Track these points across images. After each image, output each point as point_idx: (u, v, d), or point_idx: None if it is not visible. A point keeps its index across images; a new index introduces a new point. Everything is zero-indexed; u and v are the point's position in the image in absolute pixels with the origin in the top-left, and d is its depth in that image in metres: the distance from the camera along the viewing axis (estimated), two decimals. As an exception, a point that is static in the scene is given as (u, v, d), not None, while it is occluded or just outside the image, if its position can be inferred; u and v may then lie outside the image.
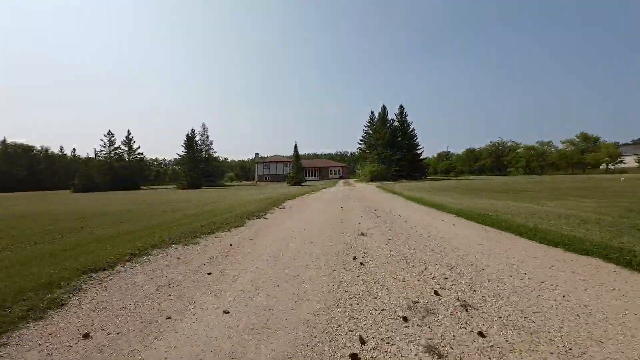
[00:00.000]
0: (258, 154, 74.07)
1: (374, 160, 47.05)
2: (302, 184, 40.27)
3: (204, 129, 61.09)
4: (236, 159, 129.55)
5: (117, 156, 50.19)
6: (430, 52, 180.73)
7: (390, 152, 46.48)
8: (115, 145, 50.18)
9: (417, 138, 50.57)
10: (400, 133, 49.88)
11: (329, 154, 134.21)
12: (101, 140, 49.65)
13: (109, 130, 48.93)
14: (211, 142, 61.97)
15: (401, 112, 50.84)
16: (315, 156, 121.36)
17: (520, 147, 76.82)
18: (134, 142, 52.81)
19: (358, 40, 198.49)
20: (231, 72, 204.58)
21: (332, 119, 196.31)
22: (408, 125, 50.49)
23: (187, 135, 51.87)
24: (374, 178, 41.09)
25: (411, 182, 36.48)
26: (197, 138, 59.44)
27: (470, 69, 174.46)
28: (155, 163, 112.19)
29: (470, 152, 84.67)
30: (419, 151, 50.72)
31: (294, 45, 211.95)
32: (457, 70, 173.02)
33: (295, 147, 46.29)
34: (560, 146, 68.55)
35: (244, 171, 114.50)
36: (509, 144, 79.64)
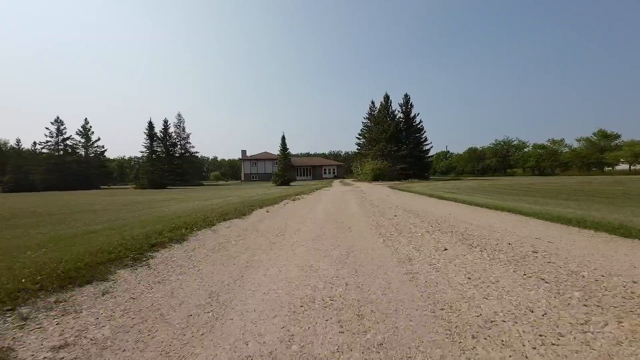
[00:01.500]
0: (245, 151, 66.15)
1: (375, 156, 40.21)
2: (291, 184, 33.13)
3: (179, 119, 52.93)
4: (227, 158, 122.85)
5: (67, 149, 41.25)
6: (425, 52, 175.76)
7: (395, 147, 39.75)
8: (66, 136, 41.03)
9: (424, 132, 44.08)
10: (404, 126, 43.29)
11: (322, 153, 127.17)
12: (47, 129, 40.12)
13: (57, 117, 39.88)
14: (188, 135, 53.89)
15: (406, 102, 44.20)
16: (308, 155, 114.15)
17: (528, 146, 71.78)
18: (92, 132, 43.98)
19: (354, 38, 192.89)
20: (225, 71, 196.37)
21: (325, 118, 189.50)
22: (414, 117, 43.96)
23: (150, 123, 43.25)
24: (376, 177, 34.28)
25: (430, 182, 29.78)
26: (171, 130, 51.55)
27: (467, 67, 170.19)
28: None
29: (473, 151, 79.14)
30: (427, 147, 44.24)
31: (286, 44, 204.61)
32: (452, 69, 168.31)
33: (283, 139, 38.75)
34: (575, 144, 63.50)
35: (234, 170, 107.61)
36: (514, 142, 74.16)
